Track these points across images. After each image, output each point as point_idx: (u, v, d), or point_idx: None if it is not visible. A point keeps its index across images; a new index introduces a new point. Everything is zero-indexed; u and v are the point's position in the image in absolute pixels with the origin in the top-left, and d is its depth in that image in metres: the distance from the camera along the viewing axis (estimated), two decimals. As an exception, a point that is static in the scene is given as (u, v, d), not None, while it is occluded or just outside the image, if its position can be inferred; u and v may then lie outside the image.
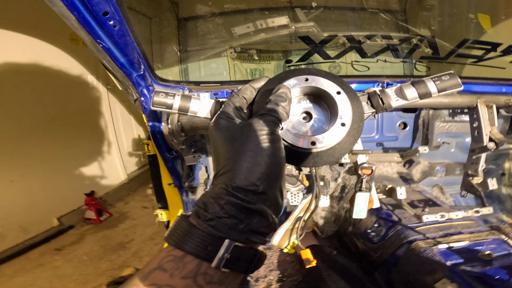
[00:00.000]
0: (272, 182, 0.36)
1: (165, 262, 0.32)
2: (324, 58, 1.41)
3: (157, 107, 0.53)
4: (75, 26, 0.63)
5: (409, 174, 1.52)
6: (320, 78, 0.48)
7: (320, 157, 0.46)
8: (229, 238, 0.32)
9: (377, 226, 1.18)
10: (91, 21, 0.62)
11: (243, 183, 0.34)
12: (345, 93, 0.47)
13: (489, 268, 0.78)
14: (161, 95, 0.53)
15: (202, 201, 0.35)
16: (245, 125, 0.40)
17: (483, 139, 1.11)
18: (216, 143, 0.40)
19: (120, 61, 0.74)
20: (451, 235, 0.97)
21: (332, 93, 0.46)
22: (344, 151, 0.46)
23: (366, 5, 1.76)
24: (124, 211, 3.13)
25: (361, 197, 0.70)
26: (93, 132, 3.23)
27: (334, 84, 0.47)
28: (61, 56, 2.78)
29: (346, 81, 0.49)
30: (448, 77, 0.59)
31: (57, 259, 2.32)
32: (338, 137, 0.44)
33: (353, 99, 0.47)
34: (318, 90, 0.47)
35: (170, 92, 0.54)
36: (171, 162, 1.07)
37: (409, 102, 0.59)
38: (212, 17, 1.81)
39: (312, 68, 0.49)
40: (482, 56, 1.45)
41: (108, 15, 0.63)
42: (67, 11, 0.58)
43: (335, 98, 0.46)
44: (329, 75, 0.49)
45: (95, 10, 0.61)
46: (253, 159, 0.35)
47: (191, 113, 0.55)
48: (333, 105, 0.46)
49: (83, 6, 0.59)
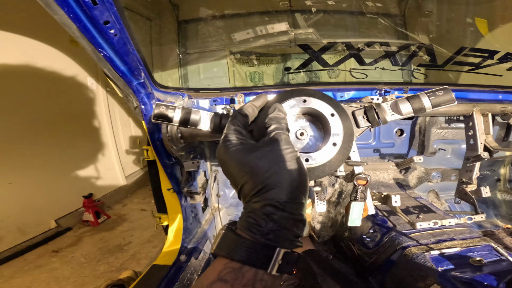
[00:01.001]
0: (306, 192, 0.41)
1: (225, 274, 0.35)
2: (323, 65, 1.43)
3: (157, 120, 0.54)
4: (76, 35, 0.64)
5: (405, 180, 1.54)
6: (316, 100, 0.50)
7: (313, 172, 0.50)
8: (282, 247, 0.37)
9: (372, 232, 1.20)
10: (92, 30, 0.63)
11: (290, 198, 0.38)
12: (338, 115, 0.50)
13: (479, 274, 0.79)
14: (162, 107, 0.55)
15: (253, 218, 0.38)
16: (269, 144, 0.42)
17: (478, 147, 1.13)
18: (234, 163, 0.41)
19: (121, 69, 0.76)
20: (443, 241, 0.99)
21: (327, 115, 0.49)
22: (334, 167, 0.50)
23: (365, 10, 1.77)
24: (122, 213, 3.14)
25: (356, 206, 0.71)
26: (92, 134, 3.23)
27: (329, 107, 0.50)
28: (61, 58, 2.80)
29: (339, 102, 0.52)
30: (442, 92, 0.61)
31: (54, 261, 2.32)
32: (329, 156, 0.48)
33: (345, 121, 0.51)
34: (314, 111, 0.50)
35: (171, 105, 0.55)
36: (170, 168, 1.09)
37: (404, 117, 0.61)
38: (212, 20, 1.82)
39: (310, 90, 0.52)
40: (479, 64, 1.46)
41: (109, 24, 0.64)
42: (68, 20, 0.59)
43: (329, 120, 0.49)
44: (325, 98, 0.52)
45: (96, 19, 0.61)
46: (291, 176, 0.39)
47: (191, 126, 0.56)
48: (327, 125, 0.50)
49: (85, 15, 0.60)
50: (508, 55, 1.42)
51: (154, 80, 0.95)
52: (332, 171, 0.52)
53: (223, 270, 0.36)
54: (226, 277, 0.35)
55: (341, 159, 0.51)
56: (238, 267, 0.36)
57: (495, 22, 1.63)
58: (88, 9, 0.58)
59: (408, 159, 0.89)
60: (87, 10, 0.59)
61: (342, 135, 0.50)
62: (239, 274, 0.35)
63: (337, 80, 1.82)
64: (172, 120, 0.55)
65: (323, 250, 1.47)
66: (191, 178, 1.34)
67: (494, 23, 1.63)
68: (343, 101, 1.19)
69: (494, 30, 1.63)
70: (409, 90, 1.22)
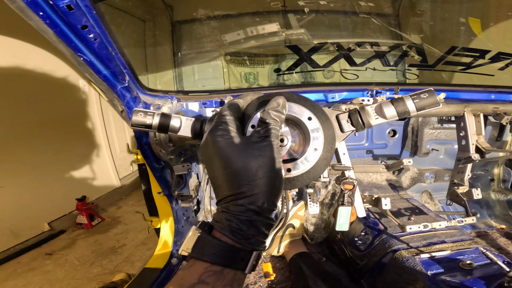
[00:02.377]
0: (279, 198, 0.44)
1: (206, 277, 0.36)
2: (313, 66, 1.42)
3: (136, 127, 0.53)
4: (53, 40, 0.62)
5: (398, 181, 1.53)
6: (291, 104, 0.49)
7: (296, 181, 0.48)
8: (257, 250, 0.40)
9: (364, 235, 1.19)
10: (70, 35, 0.61)
11: (268, 204, 0.40)
12: (316, 117, 0.48)
13: (469, 278, 0.79)
14: (140, 114, 0.53)
15: (235, 222, 0.38)
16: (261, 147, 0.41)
17: (470, 148, 1.12)
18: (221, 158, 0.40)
19: (103, 73, 0.74)
20: (434, 244, 0.98)
21: (304, 119, 0.47)
22: (318, 173, 0.48)
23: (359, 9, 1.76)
24: (116, 215, 3.12)
25: (343, 211, 0.71)
26: (85, 136, 3.21)
27: (305, 110, 0.48)
28: (52, 61, 2.77)
29: (317, 104, 0.50)
30: (427, 95, 0.60)
31: (48, 264, 2.31)
32: (311, 162, 0.46)
33: (324, 123, 0.49)
34: (290, 116, 0.48)
35: (149, 111, 0.54)
36: (159, 172, 1.08)
37: (388, 120, 0.60)
38: (207, 20, 1.80)
39: (285, 93, 0.50)
40: (470, 64, 1.45)
41: (87, 29, 0.62)
42: (44, 25, 0.57)
43: (306, 124, 0.47)
44: (301, 100, 0.50)
45: (73, 24, 0.60)
46: (273, 184, 0.40)
47: (171, 131, 0.55)
48: (305, 130, 0.48)
49: (61, 20, 0.58)
50: (500, 55, 1.40)
51: (140, 83, 0.94)
52: (316, 177, 0.51)
53: (204, 273, 0.37)
54: (208, 279, 0.36)
55: (324, 164, 0.50)
56: (219, 270, 0.37)
57: (487, 21, 1.62)
58: (64, 14, 0.57)
59: (397, 162, 0.89)
60: (62, 15, 0.57)
61: (322, 139, 0.49)
62: (221, 276, 0.37)
63: (332, 80, 1.81)
64: (151, 127, 0.53)
65: (316, 252, 1.46)
66: (182, 181, 1.33)
67: (487, 22, 1.62)
68: (334, 102, 1.18)
69: (487, 30, 1.62)
70: (400, 91, 1.21)
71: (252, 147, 0.41)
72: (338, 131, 0.58)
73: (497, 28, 1.60)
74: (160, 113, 0.54)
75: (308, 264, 1.23)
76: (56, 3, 0.55)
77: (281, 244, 1.40)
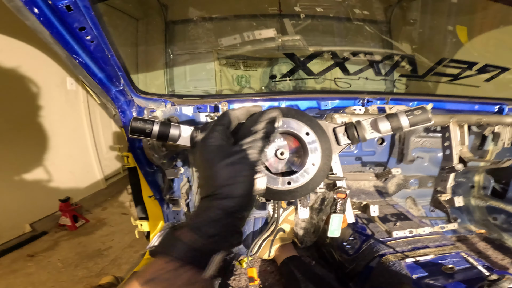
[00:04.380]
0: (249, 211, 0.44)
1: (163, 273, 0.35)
2: (308, 74, 1.44)
3: (135, 136, 0.53)
4: (49, 41, 0.61)
5: (385, 188, 1.58)
6: (290, 120, 0.50)
7: (296, 193, 0.51)
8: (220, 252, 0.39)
9: (353, 239, 1.23)
10: (67, 36, 0.60)
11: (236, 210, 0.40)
12: (313, 132, 0.50)
13: (451, 282, 0.83)
14: (139, 122, 0.53)
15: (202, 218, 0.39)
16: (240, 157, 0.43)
17: (453, 158, 1.18)
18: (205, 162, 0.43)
19: (98, 76, 0.73)
20: (418, 249, 1.02)
21: (302, 134, 0.49)
22: (315, 186, 0.50)
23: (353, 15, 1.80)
24: (102, 217, 3.04)
25: (335, 219, 0.73)
26: (70, 136, 3.11)
27: (303, 125, 0.50)
28: (39, 58, 2.68)
29: (314, 119, 0.52)
30: (420, 112, 0.63)
31: (30, 266, 2.22)
32: (309, 175, 0.48)
33: (321, 137, 0.51)
34: (289, 132, 0.50)
35: (149, 119, 0.54)
36: (151, 176, 1.07)
37: (382, 135, 0.63)
38: (202, 21, 1.79)
39: (284, 109, 0.52)
40: (458, 75, 1.51)
41: (85, 30, 0.61)
42: (41, 26, 0.56)
43: (305, 139, 0.49)
44: (299, 115, 0.52)
45: (70, 25, 0.59)
46: (248, 189, 0.42)
47: (170, 140, 0.55)
48: (304, 144, 0.50)
49: (59, 21, 0.57)
50: (487, 67, 1.45)
51: (135, 86, 0.93)
52: (314, 189, 0.53)
53: (162, 269, 0.36)
54: (164, 275, 0.35)
55: (321, 176, 0.52)
56: (176, 267, 0.36)
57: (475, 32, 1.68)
58: (62, 15, 0.56)
59: (387, 171, 0.92)
60: (61, 16, 0.56)
61: (320, 153, 0.51)
62: (177, 274, 0.36)
63: (323, 85, 1.84)
64: (150, 136, 0.53)
65: (306, 256, 1.49)
66: (173, 185, 1.32)
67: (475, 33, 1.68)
68: (327, 110, 1.21)
69: (475, 40, 1.67)
70: (390, 101, 1.25)
71: (233, 155, 0.43)
72: (334, 144, 0.60)
73: (485, 39, 1.65)
74: (160, 121, 0.54)
75: (299, 267, 1.25)
76: (56, 3, 0.54)
77: (272, 248, 1.42)
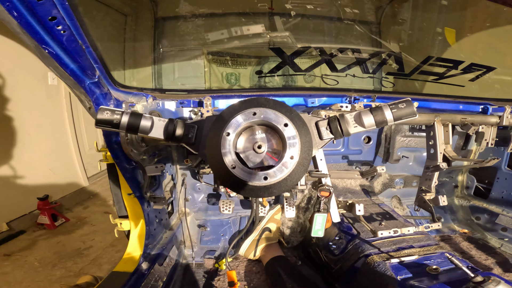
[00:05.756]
0: None
1: None
2: (295, 70, 1.42)
3: (101, 127, 0.49)
4: (17, 31, 0.58)
5: (371, 187, 1.58)
6: (267, 110, 0.47)
7: (273, 189, 0.47)
8: None
9: (338, 239, 1.21)
10: (36, 26, 0.57)
11: None
12: (292, 123, 0.47)
13: (435, 283, 0.82)
14: (106, 113, 0.49)
15: None
16: None
17: (437, 157, 1.18)
18: None
19: (70, 67, 0.68)
20: (403, 249, 1.02)
21: (280, 126, 0.46)
22: (294, 181, 0.47)
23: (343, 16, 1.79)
24: (83, 216, 2.93)
25: (318, 218, 0.70)
26: (50, 132, 2.99)
27: (282, 116, 0.47)
28: (18, 51, 2.55)
29: (294, 110, 0.49)
30: (404, 105, 0.61)
31: (6, 265, 2.13)
32: (288, 170, 0.45)
33: (301, 130, 0.48)
34: (265, 123, 0.47)
35: (117, 110, 0.50)
36: (130, 173, 1.01)
37: (367, 129, 0.61)
38: (191, 18, 1.75)
39: (261, 99, 0.48)
40: (443, 74, 1.52)
41: (55, 20, 0.58)
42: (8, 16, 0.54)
43: (283, 131, 0.46)
44: (277, 105, 0.49)
45: (40, 15, 0.56)
46: None
47: (141, 132, 0.51)
48: (282, 136, 0.46)
49: (27, 11, 0.54)
50: (473, 66, 1.45)
51: (113, 79, 0.88)
52: (293, 185, 0.50)
53: None
54: None
55: (301, 171, 0.49)
56: None
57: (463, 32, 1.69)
58: (31, 5, 0.53)
59: (372, 169, 0.91)
60: (30, 6, 0.53)
61: (299, 146, 0.48)
62: None
63: (313, 84, 1.83)
64: (118, 127, 0.49)
65: (292, 255, 1.47)
66: (155, 182, 1.27)
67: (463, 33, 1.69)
68: (313, 107, 1.19)
69: (462, 40, 1.68)
70: (376, 98, 1.25)
71: None
72: (316, 138, 0.57)
73: (471, 39, 1.67)
74: (130, 112, 0.50)
75: (285, 268, 1.23)
76: (25, -8, 0.51)
77: (257, 247, 1.39)
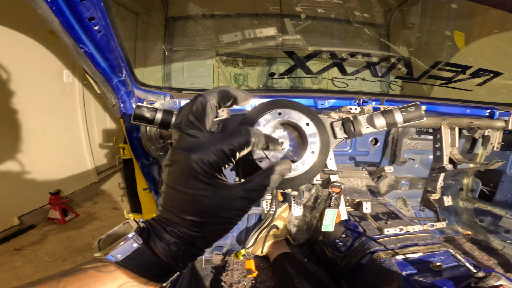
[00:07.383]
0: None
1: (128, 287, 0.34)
2: (307, 72, 1.46)
3: (137, 122, 0.54)
4: (57, 30, 0.61)
5: (377, 187, 1.62)
6: (291, 111, 0.52)
7: (295, 181, 0.52)
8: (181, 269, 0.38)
9: (345, 237, 1.25)
10: (76, 25, 0.61)
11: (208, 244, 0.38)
12: (313, 123, 0.52)
13: (439, 279, 0.86)
14: (143, 109, 0.54)
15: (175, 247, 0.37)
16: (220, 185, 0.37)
17: (443, 159, 1.22)
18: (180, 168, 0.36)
19: (102, 66, 0.73)
20: (408, 247, 1.05)
21: (302, 125, 0.51)
22: (314, 174, 0.52)
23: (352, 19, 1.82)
24: (92, 211, 2.99)
25: (329, 213, 0.75)
26: (64, 128, 3.06)
27: (304, 116, 0.52)
28: (36, 49, 2.63)
29: (313, 111, 0.54)
30: (413, 109, 0.66)
31: (17, 259, 2.18)
32: (309, 164, 0.50)
33: (320, 129, 0.53)
34: (290, 122, 0.52)
35: (152, 107, 0.55)
36: (147, 168, 1.06)
37: (378, 130, 0.65)
38: (202, 18, 1.79)
39: (284, 101, 0.54)
40: (451, 78, 1.55)
41: (94, 20, 0.63)
42: (52, 14, 0.57)
43: (305, 130, 0.51)
44: (299, 107, 0.54)
45: (81, 15, 0.60)
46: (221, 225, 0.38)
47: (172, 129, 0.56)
48: (303, 134, 0.51)
49: (70, 10, 0.58)
50: (480, 71, 1.48)
51: (135, 78, 0.93)
52: (312, 178, 0.55)
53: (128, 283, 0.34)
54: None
55: (320, 165, 0.53)
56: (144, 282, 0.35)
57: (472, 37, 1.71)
58: (74, 4, 0.57)
59: (379, 169, 0.94)
60: (72, 5, 0.57)
61: (318, 143, 0.53)
62: None
63: (319, 86, 1.87)
64: (152, 122, 0.54)
65: (299, 253, 1.50)
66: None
67: (471, 38, 1.71)
68: (323, 109, 1.23)
69: (470, 45, 1.71)
70: (385, 102, 1.28)
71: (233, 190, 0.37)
72: (331, 137, 0.62)
73: (479, 43, 1.70)
74: (163, 109, 0.55)
75: (292, 264, 1.26)
76: (69, -8, 0.55)
77: (265, 244, 1.43)
